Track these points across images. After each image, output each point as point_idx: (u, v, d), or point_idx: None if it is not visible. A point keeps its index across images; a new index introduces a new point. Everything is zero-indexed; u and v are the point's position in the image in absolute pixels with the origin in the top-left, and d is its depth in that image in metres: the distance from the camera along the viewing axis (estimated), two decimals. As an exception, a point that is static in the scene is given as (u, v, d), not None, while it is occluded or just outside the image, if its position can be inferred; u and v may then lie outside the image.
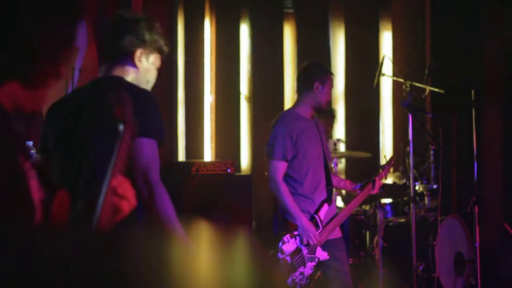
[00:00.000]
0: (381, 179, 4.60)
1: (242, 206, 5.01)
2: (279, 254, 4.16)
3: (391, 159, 4.83)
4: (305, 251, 4.20)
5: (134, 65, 2.77)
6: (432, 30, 7.29)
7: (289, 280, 4.14)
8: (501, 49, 7.21)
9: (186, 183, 5.04)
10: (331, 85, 4.41)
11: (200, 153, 6.76)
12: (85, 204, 1.82)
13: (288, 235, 4.19)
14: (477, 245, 4.94)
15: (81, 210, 1.81)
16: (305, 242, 4.19)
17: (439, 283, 5.15)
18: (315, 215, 4.30)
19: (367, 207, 5.98)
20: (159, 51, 2.82)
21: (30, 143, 3.66)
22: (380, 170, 4.68)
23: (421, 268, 5.45)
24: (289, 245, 4.18)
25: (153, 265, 1.15)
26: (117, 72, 2.77)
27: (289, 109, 4.45)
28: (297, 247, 4.19)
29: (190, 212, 4.54)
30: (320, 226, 4.27)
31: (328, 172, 4.41)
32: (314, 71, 4.43)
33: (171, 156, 6.33)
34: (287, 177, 4.30)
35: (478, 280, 4.94)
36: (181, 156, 6.60)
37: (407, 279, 5.22)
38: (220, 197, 4.88)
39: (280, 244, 4.18)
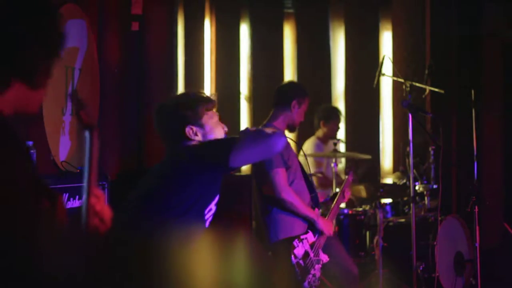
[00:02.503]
0: (347, 187, 4.78)
1: (242, 206, 5.00)
2: (293, 258, 4.29)
3: (349, 170, 5.19)
4: (311, 254, 4.36)
5: (192, 140, 2.97)
6: (432, 30, 7.28)
7: (306, 283, 4.28)
8: (501, 49, 7.20)
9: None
10: (306, 107, 4.63)
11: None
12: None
13: (296, 240, 4.34)
14: (477, 245, 4.93)
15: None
16: (327, 234, 4.39)
17: (439, 283, 5.14)
18: None
19: (367, 207, 5.98)
20: (208, 110, 3.03)
21: (30, 143, 3.65)
22: (345, 180, 4.84)
23: (421, 268, 5.45)
24: (299, 249, 4.33)
25: (155, 266, 1.15)
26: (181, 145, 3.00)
27: (268, 124, 4.58)
28: (305, 251, 4.34)
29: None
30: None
31: (307, 180, 4.59)
32: (294, 90, 4.67)
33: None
34: None
35: (478, 280, 4.93)
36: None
37: (407, 279, 5.22)
38: (220, 197, 4.87)
39: (292, 249, 4.31)
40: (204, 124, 2.97)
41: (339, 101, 7.47)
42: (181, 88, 6.58)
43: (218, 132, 3.01)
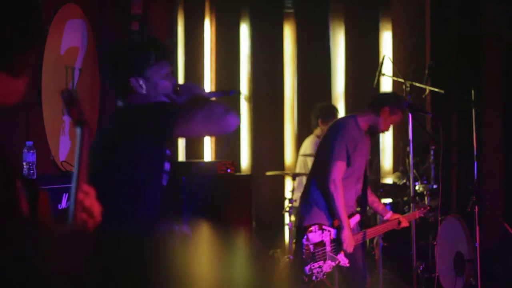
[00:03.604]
0: (408, 219, 4.79)
1: (242, 206, 5.00)
2: (304, 240, 4.34)
3: (425, 208, 5.05)
4: (328, 247, 4.38)
5: (138, 91, 2.73)
6: (432, 30, 7.28)
7: (307, 268, 4.31)
8: (501, 49, 7.20)
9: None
10: (397, 119, 4.56)
11: (200, 153, 6.76)
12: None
13: (316, 226, 4.37)
14: (477, 245, 4.94)
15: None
16: (344, 248, 4.35)
17: (439, 283, 5.15)
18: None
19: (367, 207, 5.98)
20: (159, 59, 2.76)
21: (30, 143, 3.65)
22: (410, 211, 4.89)
23: (421, 268, 5.45)
24: (315, 235, 4.35)
25: (153, 265, 1.15)
26: (127, 100, 2.76)
27: (351, 116, 4.60)
28: (322, 240, 4.37)
29: (190, 213, 4.54)
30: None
31: (365, 187, 4.59)
32: (391, 97, 4.60)
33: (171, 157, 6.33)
34: None
35: (478, 280, 4.94)
36: (181, 156, 6.60)
37: (407, 279, 5.22)
38: (220, 197, 4.88)
39: (308, 232, 4.34)
40: (151, 77, 2.71)
41: (339, 101, 7.47)
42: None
43: (164, 87, 2.75)
